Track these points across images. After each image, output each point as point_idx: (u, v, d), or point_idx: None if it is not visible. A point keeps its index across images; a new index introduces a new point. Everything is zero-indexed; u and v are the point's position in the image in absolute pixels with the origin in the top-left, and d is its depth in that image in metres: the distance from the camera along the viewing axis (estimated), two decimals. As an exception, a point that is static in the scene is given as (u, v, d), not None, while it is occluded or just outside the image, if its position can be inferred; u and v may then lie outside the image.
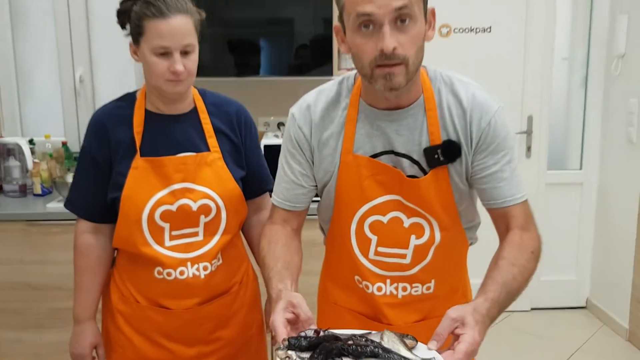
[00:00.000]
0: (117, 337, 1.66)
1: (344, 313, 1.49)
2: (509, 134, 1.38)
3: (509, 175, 1.36)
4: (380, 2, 1.18)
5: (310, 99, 1.44)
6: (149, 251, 1.55)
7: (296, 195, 1.45)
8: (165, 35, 1.45)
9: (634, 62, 3.48)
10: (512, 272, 1.27)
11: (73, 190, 1.67)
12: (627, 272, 3.52)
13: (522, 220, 1.37)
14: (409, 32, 1.22)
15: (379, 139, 1.37)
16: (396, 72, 1.23)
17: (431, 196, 1.36)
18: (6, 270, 2.84)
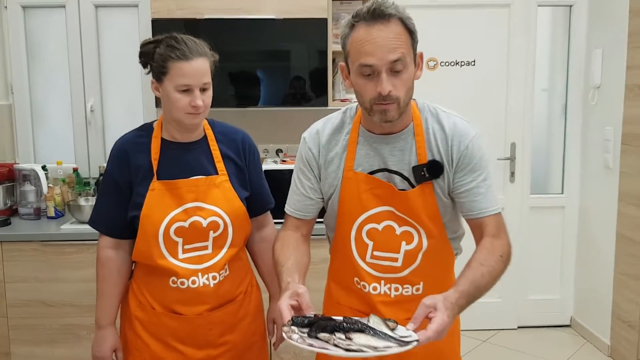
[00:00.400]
0: (134, 341, 1.85)
1: (345, 310, 1.70)
2: (484, 156, 1.62)
3: (484, 191, 1.60)
4: (379, 56, 1.44)
5: (319, 125, 1.70)
6: (164, 263, 1.75)
7: (306, 206, 1.70)
8: (188, 75, 1.66)
9: (608, 92, 3.70)
10: (481, 270, 1.48)
11: (96, 209, 1.87)
12: (607, 290, 3.71)
13: (494, 229, 1.59)
14: (401, 77, 1.48)
15: (375, 158, 1.61)
16: (390, 109, 1.49)
17: (418, 207, 1.60)
18: (21, 288, 3.01)
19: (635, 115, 3.42)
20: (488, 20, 3.93)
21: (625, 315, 3.54)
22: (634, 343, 3.45)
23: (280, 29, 3.23)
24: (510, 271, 4.11)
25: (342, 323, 1.29)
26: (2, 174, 3.27)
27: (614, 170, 3.65)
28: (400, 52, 1.45)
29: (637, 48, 3.39)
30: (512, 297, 4.14)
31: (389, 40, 1.45)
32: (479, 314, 4.07)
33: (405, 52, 1.47)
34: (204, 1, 3.15)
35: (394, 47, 1.45)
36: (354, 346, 1.26)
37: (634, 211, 3.43)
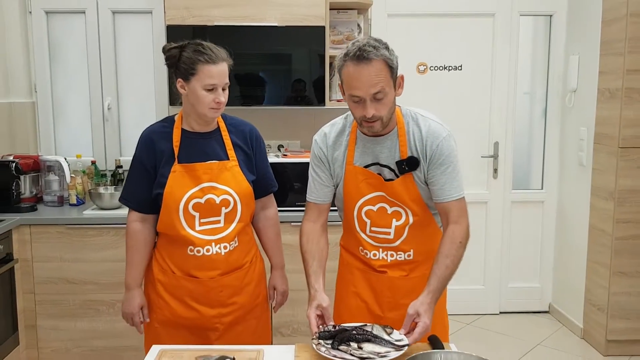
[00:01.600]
0: (157, 301, 2.17)
1: (353, 269, 2.15)
2: (452, 152, 1.98)
3: (450, 180, 1.97)
4: (364, 90, 1.81)
5: (326, 129, 2.09)
6: (184, 233, 2.07)
7: (325, 193, 2.08)
8: (214, 76, 1.99)
9: (584, 96, 4.02)
10: (445, 263, 1.90)
11: (126, 188, 2.19)
12: (581, 278, 4.03)
13: (456, 215, 1.97)
14: (383, 102, 1.85)
15: (369, 155, 2.00)
16: (375, 125, 1.88)
17: (403, 193, 1.98)
18: (47, 267, 3.33)
19: (605, 117, 3.74)
20: (474, 28, 4.25)
21: (595, 300, 3.86)
22: (603, 325, 3.77)
23: (282, 35, 3.53)
24: (493, 260, 4.50)
25: (355, 335, 1.75)
26: (28, 164, 3.57)
27: (587, 167, 3.97)
28: (380, 86, 1.81)
29: (608, 55, 3.70)
30: (494, 284, 4.47)
31: (371, 78, 1.80)
32: (464, 299, 4.42)
33: (384, 85, 1.82)
34: (214, 9, 3.47)
35: (375, 83, 1.80)
36: (364, 354, 1.68)
37: (604, 204, 3.75)
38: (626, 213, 3.64)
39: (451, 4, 4.19)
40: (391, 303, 2.08)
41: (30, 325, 3.36)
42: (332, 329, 1.82)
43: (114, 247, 3.32)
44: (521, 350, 3.87)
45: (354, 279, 2.14)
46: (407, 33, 4.18)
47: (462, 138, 4.21)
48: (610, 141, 3.68)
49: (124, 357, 3.40)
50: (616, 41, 3.60)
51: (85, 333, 3.39)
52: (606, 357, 3.76)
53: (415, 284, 2.03)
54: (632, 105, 3.55)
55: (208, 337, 2.15)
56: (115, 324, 3.36)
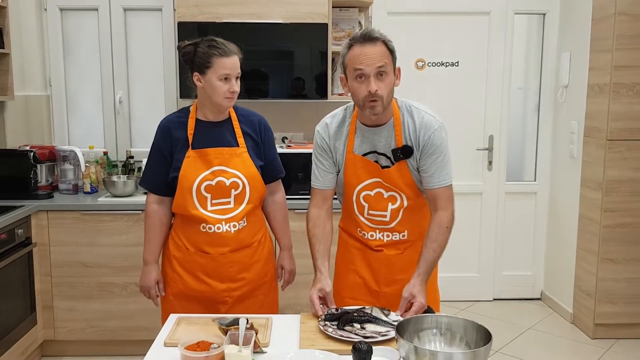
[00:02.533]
0: (172, 275, 2.35)
1: (352, 249, 2.31)
2: (443, 143, 2.13)
3: (440, 169, 2.13)
4: (368, 63, 1.97)
5: (327, 120, 2.24)
6: (197, 213, 2.25)
7: (329, 179, 2.24)
8: (228, 67, 2.18)
9: (575, 91, 4.20)
10: (432, 247, 2.10)
11: (145, 172, 2.38)
12: (571, 265, 4.21)
13: (444, 201, 2.14)
14: (384, 81, 2.01)
15: (367, 144, 2.15)
16: (377, 105, 2.02)
17: (397, 179, 2.15)
18: (63, 251, 3.51)
19: (594, 111, 3.92)
20: (470, 25, 4.43)
21: (584, 286, 4.04)
22: (591, 309, 3.95)
23: (287, 32, 3.71)
24: (487, 249, 4.70)
25: (357, 316, 1.93)
26: (45, 154, 3.76)
27: (577, 159, 4.15)
28: (383, 61, 1.98)
29: (598, 52, 3.88)
30: (488, 272, 4.65)
31: (375, 54, 1.98)
32: (459, 287, 4.60)
33: (387, 63, 1.99)
34: (222, 7, 3.65)
35: (379, 58, 1.98)
36: (368, 333, 1.84)
37: (593, 194, 3.94)
38: (613, 202, 3.82)
39: (449, 3, 4.37)
40: (387, 279, 2.25)
41: (47, 306, 3.55)
42: (336, 311, 2.00)
43: (126, 232, 3.50)
44: (513, 334, 4.06)
45: (353, 258, 2.30)
46: (406, 30, 4.36)
47: (458, 131, 4.42)
48: (598, 134, 3.86)
49: (135, 337, 3.59)
50: (605, 39, 3.78)
51: (99, 314, 3.57)
52: (594, 340, 3.94)
53: (409, 261, 2.20)
54: (619, 99, 3.73)
55: (218, 309, 2.33)
56: (128, 305, 3.56)
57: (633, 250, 3.87)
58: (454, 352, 1.61)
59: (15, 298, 3.25)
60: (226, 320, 1.79)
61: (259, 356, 1.76)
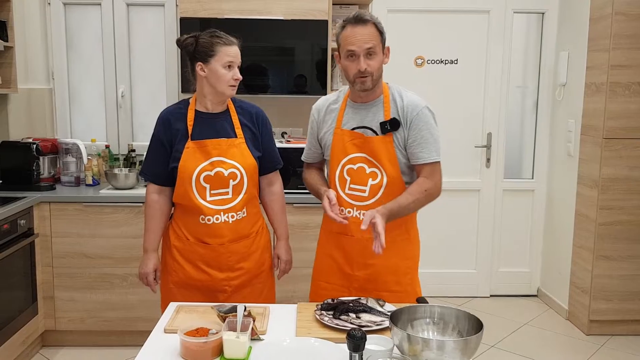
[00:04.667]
0: (173, 265, 2.39)
1: (329, 234, 2.40)
2: (430, 120, 2.25)
3: (426, 145, 2.23)
4: (358, 45, 2.14)
5: (323, 98, 2.42)
6: (196, 203, 2.29)
7: (313, 153, 2.46)
8: (231, 55, 2.25)
9: (572, 89, 4.24)
10: (407, 197, 2.20)
11: (145, 163, 2.42)
12: (567, 262, 4.26)
13: (428, 173, 2.25)
14: (374, 59, 2.17)
15: (356, 119, 2.29)
16: (367, 80, 2.18)
17: (381, 151, 2.23)
18: (65, 242, 3.56)
19: (591, 110, 3.96)
20: (470, 24, 4.47)
21: (579, 282, 4.09)
22: (586, 305, 4.00)
23: (287, 28, 3.75)
24: (485, 246, 4.74)
25: (352, 306, 1.99)
26: (47, 146, 3.80)
27: (574, 157, 4.19)
28: (372, 43, 2.14)
29: (595, 51, 3.92)
30: (485, 269, 4.70)
31: (365, 36, 2.14)
32: (456, 283, 4.65)
33: (375, 44, 2.15)
34: (225, 3, 3.69)
35: (369, 39, 2.14)
36: (363, 323, 1.89)
37: (589, 192, 3.98)
38: (609, 200, 3.86)
39: (448, 1, 4.41)
40: (360, 263, 2.32)
41: (48, 296, 3.59)
42: (332, 301, 2.04)
43: (128, 224, 3.55)
44: (508, 329, 4.10)
45: (329, 242, 2.40)
46: (406, 28, 4.40)
47: (457, 128, 4.47)
48: (595, 132, 3.90)
49: (135, 327, 3.64)
50: (602, 38, 3.82)
51: (99, 304, 3.62)
52: (589, 336, 3.99)
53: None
54: (616, 98, 3.77)
55: (217, 298, 2.37)
56: (128, 296, 3.60)
57: (628, 247, 3.92)
58: (445, 340, 1.65)
59: (17, 288, 3.30)
60: (224, 308, 1.84)
61: (256, 343, 1.80)
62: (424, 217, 4.34)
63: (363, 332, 1.56)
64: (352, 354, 1.55)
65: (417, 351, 1.58)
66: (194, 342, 1.68)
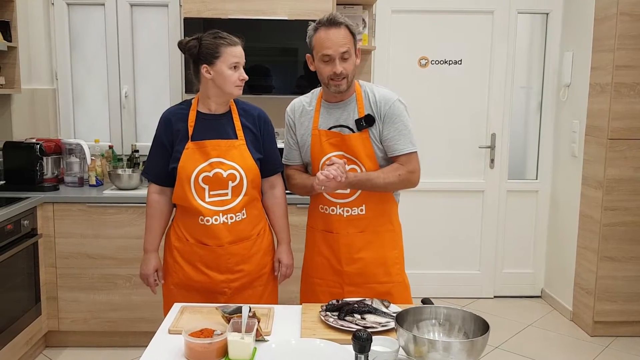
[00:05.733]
0: (173, 265, 2.39)
1: (316, 232, 2.47)
2: (402, 112, 2.31)
3: (401, 137, 2.30)
4: (334, 49, 2.20)
5: (296, 101, 2.48)
6: (195, 204, 2.28)
7: (293, 155, 2.47)
8: (237, 55, 2.26)
9: (577, 90, 4.23)
10: (378, 175, 2.28)
11: (147, 163, 2.41)
12: (572, 263, 4.24)
13: (404, 161, 2.32)
14: (348, 62, 2.24)
15: (331, 119, 2.35)
16: (342, 83, 2.25)
17: (359, 148, 2.30)
18: (68, 242, 3.55)
19: (596, 110, 3.95)
20: (474, 24, 4.45)
21: (584, 283, 4.07)
22: (590, 307, 3.98)
23: (291, 29, 3.74)
24: (489, 247, 4.74)
25: (357, 307, 2.00)
26: (51, 147, 3.80)
27: (578, 158, 4.17)
28: (347, 46, 2.22)
29: (600, 52, 3.90)
30: (489, 270, 4.69)
31: (340, 38, 2.20)
32: (460, 284, 4.64)
33: (350, 47, 2.22)
34: (228, 3, 3.69)
35: (344, 43, 2.21)
36: (368, 324, 1.89)
37: (593, 192, 3.96)
38: (613, 201, 3.85)
39: (452, 1, 4.40)
40: (348, 258, 2.38)
41: (51, 297, 3.59)
42: (337, 302, 2.04)
43: (131, 225, 3.54)
44: (512, 330, 4.09)
45: (317, 241, 2.46)
46: (410, 28, 4.39)
47: (461, 129, 4.47)
48: (600, 133, 3.89)
49: (139, 328, 3.63)
50: (607, 38, 3.81)
51: (103, 305, 3.61)
52: (593, 337, 3.97)
53: (366, 240, 2.38)
54: (621, 99, 3.76)
55: (217, 300, 2.36)
56: (132, 296, 3.60)
57: (633, 248, 3.90)
58: (452, 341, 1.64)
59: (20, 288, 3.29)
60: (229, 309, 1.83)
61: (261, 344, 1.79)
62: (427, 217, 4.38)
63: (369, 333, 1.55)
64: (358, 355, 1.54)
65: (423, 352, 1.57)
66: (199, 343, 1.68)
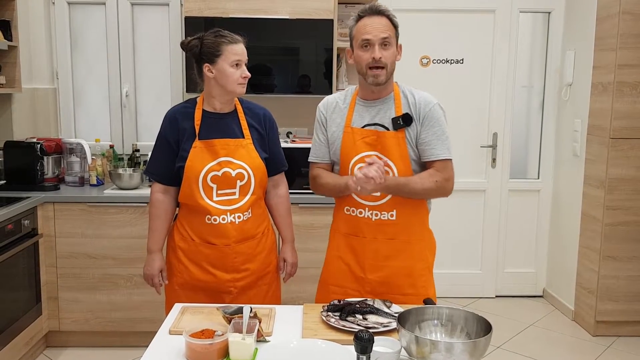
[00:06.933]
0: (177, 265, 2.38)
1: (340, 236, 2.34)
2: (442, 117, 2.23)
3: (439, 142, 2.20)
4: (374, 34, 2.13)
5: (330, 97, 2.38)
6: (202, 203, 2.28)
7: (323, 152, 2.35)
8: (238, 53, 2.24)
9: (579, 89, 4.22)
10: (416, 180, 2.17)
11: (151, 162, 2.40)
12: (573, 263, 4.23)
13: (440, 168, 2.21)
14: (388, 50, 2.16)
15: (366, 117, 2.25)
16: (381, 73, 2.16)
17: (393, 147, 2.19)
18: (69, 242, 3.54)
19: (598, 109, 3.94)
20: (476, 23, 4.44)
21: (586, 283, 4.06)
22: (592, 306, 3.97)
23: (293, 28, 3.73)
24: (490, 246, 4.71)
25: (359, 308, 1.97)
26: (51, 146, 3.79)
27: (580, 157, 4.16)
28: (388, 33, 2.14)
29: (602, 51, 3.89)
30: (491, 269, 4.68)
31: (381, 26, 2.14)
32: (462, 284, 4.63)
33: (391, 35, 2.15)
34: (229, 2, 3.68)
35: (384, 30, 2.14)
36: (370, 324, 1.87)
37: (595, 192, 3.95)
38: (615, 200, 3.84)
39: (454, 0, 4.39)
40: (373, 265, 2.26)
41: (52, 297, 3.58)
42: (338, 302, 2.03)
43: (132, 225, 3.53)
44: (514, 330, 4.08)
45: (339, 244, 2.33)
46: (412, 27, 4.37)
47: (462, 128, 4.45)
48: (602, 132, 3.88)
49: (139, 328, 3.63)
50: (609, 37, 3.79)
51: (103, 305, 3.61)
52: (595, 337, 3.96)
53: (395, 247, 2.24)
54: (623, 98, 3.75)
55: (222, 299, 2.36)
56: (132, 296, 3.59)
57: (635, 248, 3.89)
58: (454, 342, 1.63)
59: (21, 288, 3.29)
60: (230, 309, 1.82)
61: (262, 345, 1.78)
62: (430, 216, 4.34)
63: (371, 334, 1.54)
64: (360, 356, 1.53)
65: (425, 353, 1.56)
66: (200, 344, 1.67)
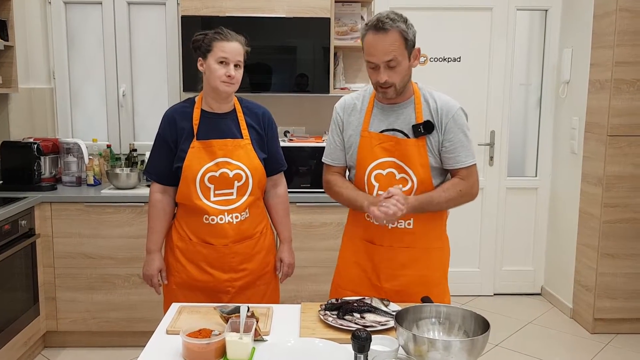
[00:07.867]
0: (175, 265, 2.37)
1: (357, 241, 2.28)
2: (465, 123, 2.15)
3: (463, 149, 2.13)
4: (377, 57, 2.01)
5: (346, 97, 2.27)
6: (200, 203, 2.27)
7: (338, 155, 2.26)
8: (226, 51, 2.21)
9: (576, 87, 4.21)
10: (441, 194, 2.11)
11: (149, 162, 2.39)
12: (571, 260, 4.23)
13: (464, 175, 2.15)
14: (396, 70, 2.03)
15: (384, 121, 2.15)
16: (388, 91, 2.06)
17: (414, 155, 2.11)
18: (66, 242, 3.53)
19: (595, 107, 3.94)
20: (473, 21, 4.44)
21: (583, 280, 4.06)
22: (590, 304, 3.97)
23: (290, 26, 3.73)
24: (488, 245, 4.71)
25: (357, 306, 1.96)
26: (48, 146, 3.78)
27: (578, 155, 4.16)
28: (393, 54, 1.99)
29: (599, 48, 3.89)
30: (489, 267, 4.68)
31: (385, 47, 1.99)
32: (460, 282, 4.62)
33: (397, 54, 2.00)
34: (226, 1, 3.67)
35: (389, 51, 1.99)
36: (367, 323, 1.87)
37: (593, 189, 3.95)
38: (613, 198, 3.84)
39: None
40: (388, 274, 2.19)
41: (50, 297, 3.57)
42: (336, 301, 2.02)
43: (129, 224, 3.52)
44: (513, 328, 4.07)
45: (357, 250, 2.26)
46: (408, 25, 4.36)
47: (460, 126, 4.42)
48: (599, 130, 3.88)
49: (137, 328, 3.62)
50: (606, 34, 3.79)
51: (101, 305, 3.60)
52: (593, 334, 3.96)
53: (412, 256, 2.17)
54: (620, 95, 3.75)
55: (220, 299, 2.35)
56: (130, 296, 3.58)
57: (633, 245, 3.89)
58: (452, 340, 1.63)
59: (18, 289, 3.28)
60: (227, 309, 1.82)
61: (260, 344, 1.78)
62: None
63: (368, 332, 1.53)
64: (357, 354, 1.53)
65: (423, 352, 1.56)
66: (197, 344, 1.66)
